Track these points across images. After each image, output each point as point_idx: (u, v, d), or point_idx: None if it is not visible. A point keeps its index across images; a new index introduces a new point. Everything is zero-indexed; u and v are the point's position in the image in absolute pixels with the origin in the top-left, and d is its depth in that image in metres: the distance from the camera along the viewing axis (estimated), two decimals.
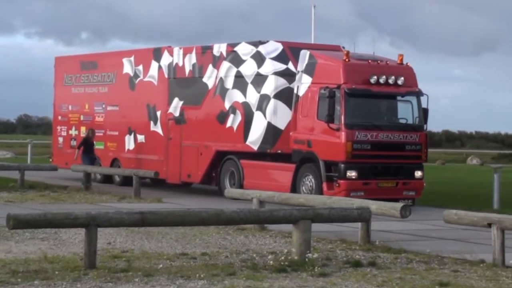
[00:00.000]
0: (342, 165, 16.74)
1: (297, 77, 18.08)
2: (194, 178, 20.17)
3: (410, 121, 18.10)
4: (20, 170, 22.21)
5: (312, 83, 17.57)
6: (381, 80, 17.32)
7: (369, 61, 17.96)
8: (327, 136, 17.26)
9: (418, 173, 17.71)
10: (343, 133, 16.82)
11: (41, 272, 8.94)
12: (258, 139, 18.54)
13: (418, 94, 17.99)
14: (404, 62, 18.13)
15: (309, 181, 17.47)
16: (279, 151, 18.48)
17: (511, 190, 21.71)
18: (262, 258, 10.01)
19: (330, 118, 16.72)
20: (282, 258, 9.90)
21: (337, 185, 16.74)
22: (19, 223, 9.19)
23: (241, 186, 18.18)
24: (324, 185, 16.81)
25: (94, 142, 22.95)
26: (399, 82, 17.54)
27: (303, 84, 17.80)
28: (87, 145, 22.28)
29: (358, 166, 16.93)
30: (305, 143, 17.70)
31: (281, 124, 18.22)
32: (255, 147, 18.69)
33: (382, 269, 9.48)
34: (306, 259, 9.61)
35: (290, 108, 18.06)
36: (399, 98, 18.22)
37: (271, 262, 9.59)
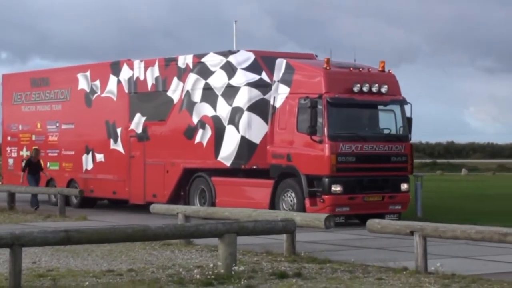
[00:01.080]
0: (327, 180, 15.51)
1: (273, 87, 16.68)
2: (161, 198, 18.23)
3: (394, 131, 16.95)
4: None
5: (290, 93, 16.25)
6: (365, 89, 16.14)
7: (351, 68, 16.68)
8: (309, 149, 15.99)
9: (404, 186, 16.55)
10: (326, 145, 15.57)
11: None
12: (231, 154, 17.16)
13: (402, 102, 16.83)
14: (386, 69, 17.04)
15: (289, 197, 16.19)
16: (255, 167, 17.07)
17: (433, 197, 21.86)
18: (188, 273, 9.63)
19: (312, 130, 15.47)
20: (209, 272, 9.54)
21: (321, 200, 15.54)
22: None
23: (213, 205, 16.96)
24: (307, 201, 15.57)
25: (41, 161, 21.33)
26: (383, 90, 16.39)
27: (280, 94, 16.45)
28: (31, 165, 20.83)
29: (343, 180, 15.76)
30: (285, 157, 16.34)
31: (256, 138, 16.89)
32: (228, 163, 17.29)
33: (307, 279, 9.29)
34: (232, 272, 9.37)
35: (266, 121, 16.78)
36: (383, 107, 17.08)
37: (198, 276, 9.26)
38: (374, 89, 16.05)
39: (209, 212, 13.32)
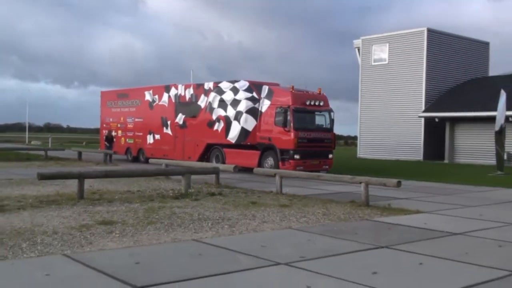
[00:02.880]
0: (291, 151, 21.59)
1: (261, 101, 23.02)
2: (193, 159, 24.95)
3: (325, 126, 23.15)
4: (45, 151, 32.45)
5: (270, 104, 22.59)
6: (312, 103, 22.52)
7: (304, 92, 23.10)
8: (282, 135, 21.91)
9: (330, 156, 22.95)
10: (292, 133, 21.65)
11: (56, 201, 12.39)
12: (235, 136, 23.50)
13: (330, 110, 23.21)
14: (321, 93, 23.46)
15: (269, 160, 22.35)
16: (248, 143, 23.28)
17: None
18: (167, 192, 14.66)
19: (284, 124, 21.77)
20: (176, 192, 14.68)
21: (289, 163, 21.43)
22: (43, 176, 13.16)
23: (224, 163, 23.33)
24: (280, 163, 21.70)
25: (114, 137, 31.30)
26: (321, 104, 22.86)
27: (264, 105, 22.87)
28: (107, 139, 31.03)
29: (300, 152, 21.70)
30: (267, 139, 22.54)
31: (250, 128, 23.11)
32: (233, 141, 23.67)
33: (225, 196, 14.07)
34: (188, 192, 14.50)
35: (255, 119, 23.00)
36: (321, 113, 23.10)
37: (171, 193, 14.35)
38: (316, 103, 22.59)
39: (178, 163, 19.56)
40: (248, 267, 6.90)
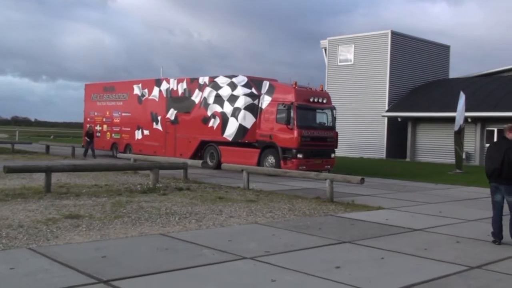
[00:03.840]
0: (294, 150, 20.17)
1: (261, 97, 21.57)
2: (185, 156, 23.36)
3: (328, 124, 21.86)
4: (12, 144, 31.88)
5: (271, 101, 21.17)
6: (315, 100, 21.14)
7: (307, 88, 21.74)
8: (284, 133, 20.49)
9: (332, 155, 21.65)
10: (295, 131, 20.21)
11: (22, 194, 12.21)
12: (232, 133, 22.12)
13: (333, 108, 21.99)
14: (324, 90, 22.64)
15: (270, 159, 20.85)
16: (246, 141, 21.85)
17: None
18: (135, 186, 14.57)
19: (287, 122, 20.33)
20: (145, 186, 14.55)
21: (291, 162, 20.06)
22: (10, 170, 12.96)
23: (219, 161, 22.13)
24: (282, 162, 20.32)
25: (94, 133, 28.91)
26: (324, 101, 21.52)
27: (265, 101, 21.42)
28: (88, 134, 28.37)
29: (303, 151, 20.28)
30: (268, 137, 21.09)
31: (248, 125, 21.69)
32: (230, 139, 22.28)
33: (192, 191, 14.11)
34: (156, 187, 14.40)
35: (254, 116, 21.61)
36: (323, 110, 21.71)
37: (139, 188, 14.23)
38: (319, 100, 21.30)
39: (146, 158, 19.39)
40: (214, 261, 6.86)
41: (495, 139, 31.04)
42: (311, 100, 21.08)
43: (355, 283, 6.08)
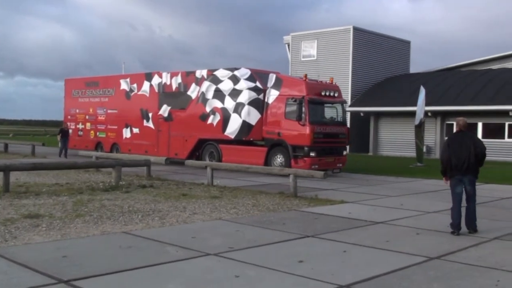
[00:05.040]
0: (306, 148, 18.63)
1: (267, 91, 19.93)
2: (181, 156, 21.89)
3: (340, 119, 20.42)
4: None
5: (279, 95, 19.55)
6: (327, 93, 19.63)
7: (317, 81, 20.70)
8: (295, 129, 18.88)
9: (344, 152, 20.21)
10: (308, 127, 18.63)
11: None
12: (235, 131, 20.46)
13: (344, 102, 20.70)
14: (334, 83, 20.86)
15: (279, 158, 19.36)
16: (251, 139, 20.42)
17: None
18: (97, 184, 14.43)
19: (299, 118, 18.68)
20: (107, 184, 14.44)
21: (303, 161, 18.55)
22: None
23: (220, 161, 20.56)
24: (292, 161, 18.76)
25: (69, 131, 27.39)
26: (336, 95, 20.03)
27: (271, 95, 19.77)
28: (62, 132, 26.79)
29: (316, 149, 18.76)
30: (276, 134, 19.49)
31: (253, 121, 20.10)
32: (232, 136, 20.62)
33: (156, 188, 14.12)
34: (119, 185, 14.29)
35: (259, 111, 20.04)
36: (336, 105, 20.33)
37: (101, 186, 14.12)
38: (331, 94, 19.81)
39: (109, 155, 19.10)
40: (178, 258, 6.83)
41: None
42: (323, 93, 19.65)
43: (318, 277, 6.14)
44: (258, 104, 20.19)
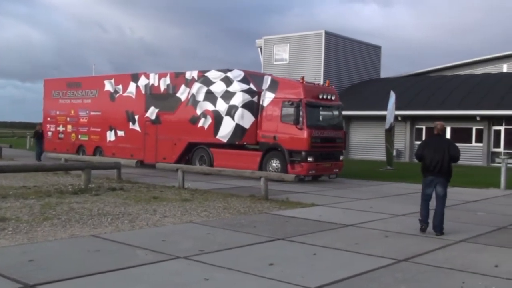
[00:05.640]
0: (304, 153, 18.10)
1: (262, 94, 19.33)
2: (169, 160, 21.11)
3: (336, 123, 19.88)
4: None
5: (275, 97, 18.97)
6: (325, 96, 19.13)
7: (314, 83, 20.36)
8: (292, 133, 18.34)
9: (341, 157, 19.72)
10: (305, 131, 18.13)
11: None
12: (227, 134, 19.82)
13: (341, 105, 20.20)
14: (331, 85, 20.55)
15: (274, 163, 18.75)
16: (245, 143, 19.85)
17: None
18: (66, 187, 14.23)
19: (296, 121, 18.21)
20: (76, 187, 14.27)
21: (301, 166, 18.05)
22: None
23: (211, 165, 19.71)
24: (289, 166, 18.23)
25: (43, 133, 26.43)
26: (333, 98, 19.57)
27: (266, 98, 19.18)
28: (36, 135, 25.86)
29: (313, 153, 18.25)
30: (271, 138, 18.87)
31: (247, 125, 19.50)
32: (225, 140, 19.94)
33: (126, 191, 13.96)
34: (88, 188, 14.14)
35: (253, 114, 19.43)
36: (333, 108, 19.79)
37: (70, 189, 13.93)
38: (328, 97, 19.32)
39: (78, 158, 18.82)
40: (147, 262, 6.78)
41: (423, 137, 32.31)
42: (320, 96, 19.13)
43: (288, 279, 6.17)
44: (252, 106, 19.62)
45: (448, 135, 31.39)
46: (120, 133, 23.79)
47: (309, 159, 18.10)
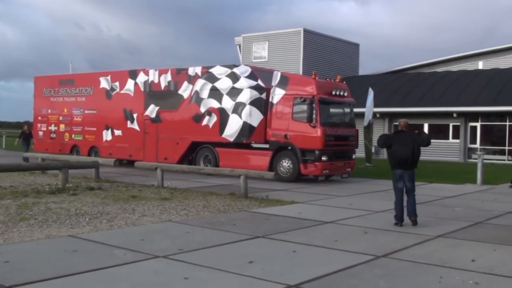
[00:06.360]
0: (318, 152, 17.36)
1: (272, 90, 18.52)
2: (171, 160, 20.31)
3: (349, 121, 19.20)
4: None
5: (285, 94, 18.17)
6: (338, 93, 18.41)
7: (327, 79, 19.55)
8: (305, 132, 17.61)
9: (353, 156, 19.07)
10: (319, 129, 17.40)
11: None
12: (235, 133, 18.95)
13: (353, 102, 19.44)
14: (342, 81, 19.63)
15: (286, 163, 18.03)
16: (253, 142, 18.89)
17: None
18: (43, 187, 14.08)
19: (309, 119, 17.42)
20: (53, 187, 14.10)
21: (315, 166, 17.42)
22: None
23: (217, 166, 19.01)
24: (302, 166, 17.58)
25: (32, 132, 25.95)
26: (345, 94, 18.79)
27: (276, 95, 18.36)
28: (23, 135, 25.41)
29: (327, 152, 17.57)
30: (282, 136, 18.09)
31: (255, 123, 18.63)
32: (232, 139, 19.08)
33: (104, 190, 13.91)
34: (66, 187, 14.00)
35: (261, 112, 18.59)
36: (346, 105, 19.13)
37: (47, 188, 13.78)
38: (341, 93, 18.58)
39: (55, 157, 18.58)
40: (126, 262, 6.72)
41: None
42: (333, 93, 18.36)
43: (267, 277, 6.17)
44: (261, 104, 18.76)
45: (426, 132, 31.76)
46: (118, 132, 22.84)
47: (323, 158, 17.47)
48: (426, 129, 32.13)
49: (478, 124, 31.92)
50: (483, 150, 29.06)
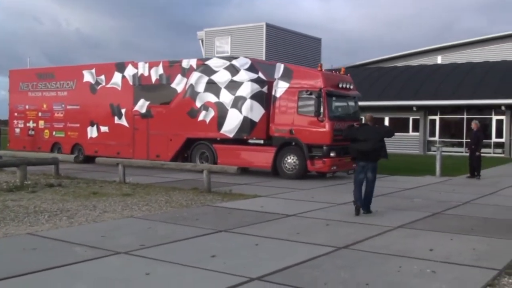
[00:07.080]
0: (326, 147, 16.66)
1: (274, 83, 17.66)
2: (164, 157, 19.20)
3: (355, 114, 18.47)
4: None
5: (289, 87, 17.35)
6: (344, 85, 17.68)
7: (333, 71, 18.96)
8: (311, 126, 16.90)
9: None
10: (327, 124, 16.68)
11: None
12: (234, 129, 18.03)
13: (359, 95, 18.70)
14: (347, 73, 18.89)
15: (291, 159, 17.30)
16: (254, 138, 18.07)
17: None
18: (0, 185, 13.75)
19: (317, 113, 16.63)
20: (11, 184, 13.84)
21: (322, 162, 16.73)
22: None
23: (214, 163, 18.20)
24: (308, 162, 16.90)
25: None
26: (351, 87, 18.07)
27: (279, 88, 17.51)
28: None
29: (335, 148, 16.75)
30: (287, 132, 17.30)
31: (256, 118, 17.77)
32: (231, 135, 18.17)
33: (64, 187, 13.74)
34: (24, 184, 13.78)
35: (263, 106, 17.74)
36: (352, 98, 18.40)
37: (5, 186, 13.49)
38: (347, 86, 17.79)
39: (13, 154, 18.15)
40: (86, 258, 6.64)
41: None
42: (340, 85, 17.59)
43: (230, 271, 6.19)
44: (262, 97, 17.85)
45: (386, 125, 32.32)
46: (104, 128, 21.53)
47: (332, 154, 16.71)
48: (387, 122, 32.67)
49: (437, 118, 32.67)
50: (441, 143, 29.80)
